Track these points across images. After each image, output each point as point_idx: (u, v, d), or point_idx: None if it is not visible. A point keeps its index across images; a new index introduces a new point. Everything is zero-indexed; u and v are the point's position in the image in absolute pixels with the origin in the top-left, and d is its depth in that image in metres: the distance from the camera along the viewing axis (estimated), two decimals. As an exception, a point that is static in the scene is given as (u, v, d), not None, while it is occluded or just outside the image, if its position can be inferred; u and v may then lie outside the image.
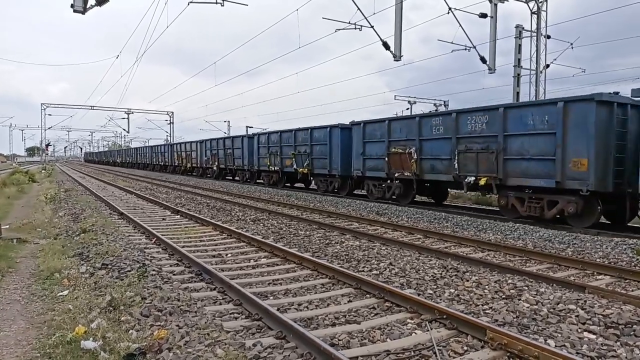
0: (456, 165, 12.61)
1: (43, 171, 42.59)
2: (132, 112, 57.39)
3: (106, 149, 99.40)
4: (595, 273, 6.65)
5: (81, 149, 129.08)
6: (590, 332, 4.25)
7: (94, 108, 54.29)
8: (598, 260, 7.41)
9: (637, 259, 7.37)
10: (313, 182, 21.55)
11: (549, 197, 10.81)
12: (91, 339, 3.94)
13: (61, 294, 5.52)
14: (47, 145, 65.94)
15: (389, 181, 15.41)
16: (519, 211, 11.48)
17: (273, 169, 22.67)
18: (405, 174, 14.42)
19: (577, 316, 4.59)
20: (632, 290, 5.78)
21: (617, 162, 10.00)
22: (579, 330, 4.28)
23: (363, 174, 16.42)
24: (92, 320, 4.37)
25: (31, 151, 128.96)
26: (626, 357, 3.70)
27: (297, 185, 23.12)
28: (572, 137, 10.12)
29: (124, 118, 57.30)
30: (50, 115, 56.61)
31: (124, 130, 60.06)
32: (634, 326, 4.29)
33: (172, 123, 61.17)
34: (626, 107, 10.07)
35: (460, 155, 12.48)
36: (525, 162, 11.10)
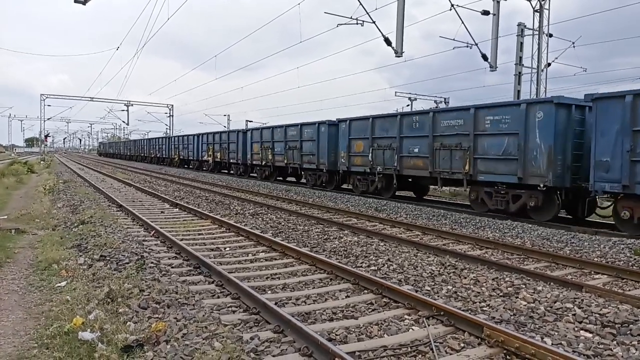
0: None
1: (42, 162, 42.53)
2: (132, 104, 57.26)
3: (142, 137, 72.42)
4: (592, 272, 6.67)
5: (80, 140, 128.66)
6: (586, 330, 4.27)
7: (94, 100, 54.14)
8: (596, 259, 7.43)
9: (635, 259, 7.39)
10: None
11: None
12: (89, 330, 3.94)
13: (59, 285, 5.52)
14: (46, 136, 65.77)
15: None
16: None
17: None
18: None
19: (574, 315, 4.61)
20: (629, 290, 5.80)
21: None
22: (576, 329, 4.30)
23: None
24: (90, 312, 4.37)
25: (30, 142, 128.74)
26: (622, 356, 3.72)
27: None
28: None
29: (123, 110, 57.16)
30: (49, 106, 56.48)
31: (124, 122, 59.95)
32: (631, 325, 4.31)
33: (172, 116, 61.08)
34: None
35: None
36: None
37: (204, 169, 33.37)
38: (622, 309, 4.76)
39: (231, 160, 28.36)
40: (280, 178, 23.98)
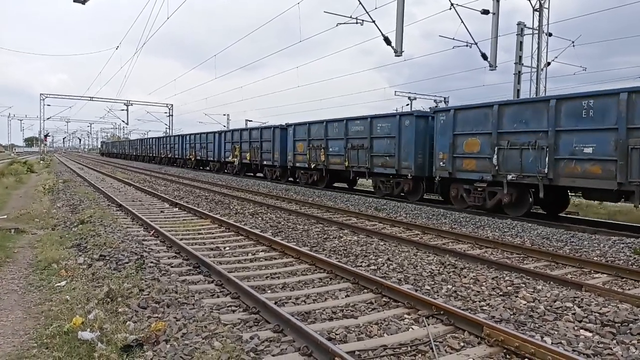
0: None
1: (41, 162, 42.51)
2: (132, 104, 57.23)
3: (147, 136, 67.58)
4: (592, 271, 6.67)
5: (80, 140, 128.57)
6: (586, 330, 4.27)
7: (93, 99, 54.09)
8: (595, 258, 7.43)
9: (635, 258, 7.39)
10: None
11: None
12: (88, 329, 3.94)
13: (59, 284, 5.52)
14: (46, 135, 65.69)
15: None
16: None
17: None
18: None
19: (573, 314, 4.61)
20: (629, 289, 5.80)
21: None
22: (576, 328, 4.30)
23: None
24: (89, 311, 4.37)
25: (30, 141, 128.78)
26: (622, 355, 3.72)
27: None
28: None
29: (123, 110, 57.13)
30: (49, 105, 56.43)
31: (123, 122, 59.90)
32: (630, 324, 4.30)
33: (172, 115, 61.06)
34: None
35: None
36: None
37: (226, 171, 29.32)
38: (622, 308, 4.76)
39: (264, 162, 24.24)
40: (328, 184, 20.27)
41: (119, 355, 3.53)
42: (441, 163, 13.47)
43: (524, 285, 5.62)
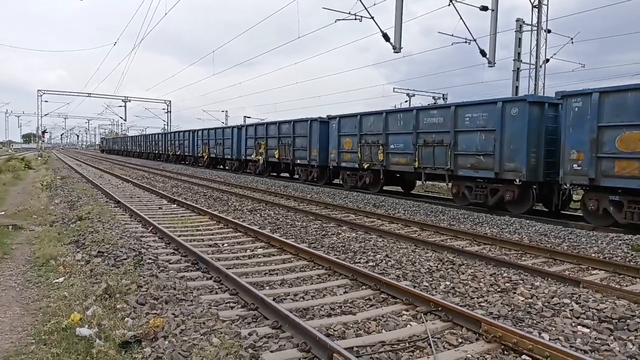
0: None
1: (39, 158, 42.41)
2: (129, 100, 57.11)
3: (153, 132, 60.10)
4: (590, 268, 6.68)
5: (78, 136, 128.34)
6: (584, 326, 4.28)
7: (91, 95, 54.01)
8: (593, 255, 7.44)
9: (632, 255, 7.41)
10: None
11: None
12: (86, 326, 3.94)
13: (57, 281, 5.51)
14: (44, 132, 65.52)
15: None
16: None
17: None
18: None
19: (571, 310, 4.62)
20: (626, 285, 5.82)
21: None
22: (573, 324, 4.31)
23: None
24: (87, 308, 4.36)
25: (27, 138, 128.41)
26: (619, 351, 3.73)
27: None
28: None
29: (121, 106, 57.02)
30: (46, 102, 56.34)
31: (121, 118, 59.80)
32: (628, 321, 4.32)
33: (170, 112, 60.96)
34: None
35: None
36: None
37: (247, 171, 26.34)
38: (620, 304, 4.78)
39: (297, 161, 21.01)
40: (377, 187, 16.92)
41: (117, 352, 3.53)
42: (575, 165, 10.06)
43: (522, 281, 5.63)
